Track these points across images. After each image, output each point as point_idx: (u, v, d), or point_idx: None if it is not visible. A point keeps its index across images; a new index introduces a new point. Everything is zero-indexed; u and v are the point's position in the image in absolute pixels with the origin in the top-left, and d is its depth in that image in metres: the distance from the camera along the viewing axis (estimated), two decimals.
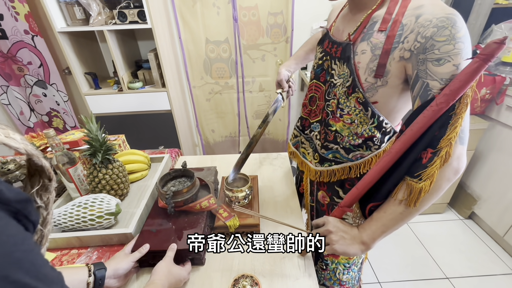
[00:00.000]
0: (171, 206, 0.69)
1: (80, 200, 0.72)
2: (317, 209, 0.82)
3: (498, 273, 1.42)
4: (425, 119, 0.45)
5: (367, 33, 0.54)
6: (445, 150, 0.44)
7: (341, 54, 0.59)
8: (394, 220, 0.52)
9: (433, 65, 0.45)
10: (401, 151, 0.49)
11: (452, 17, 0.43)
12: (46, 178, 0.25)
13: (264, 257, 0.69)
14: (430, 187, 0.47)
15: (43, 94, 1.88)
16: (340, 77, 0.61)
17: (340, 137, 0.65)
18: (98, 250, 0.70)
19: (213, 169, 0.94)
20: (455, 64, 0.44)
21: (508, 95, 1.40)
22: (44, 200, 0.26)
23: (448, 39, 0.43)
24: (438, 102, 0.44)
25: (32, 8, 1.61)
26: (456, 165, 0.46)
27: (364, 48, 0.55)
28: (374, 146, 0.64)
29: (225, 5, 1.71)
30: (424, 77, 0.47)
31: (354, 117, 0.61)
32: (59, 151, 0.77)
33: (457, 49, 0.43)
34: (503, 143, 1.48)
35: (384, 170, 0.51)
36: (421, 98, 0.48)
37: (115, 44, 1.56)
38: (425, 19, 0.46)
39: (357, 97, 0.58)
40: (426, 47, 0.46)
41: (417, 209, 0.50)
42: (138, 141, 1.87)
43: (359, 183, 0.55)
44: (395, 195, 0.52)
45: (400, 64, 0.51)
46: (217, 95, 2.06)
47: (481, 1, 1.51)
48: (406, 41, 0.48)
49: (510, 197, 1.45)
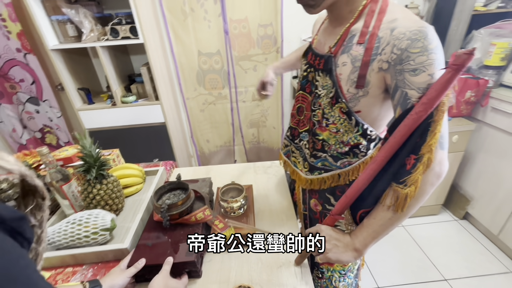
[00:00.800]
0: (166, 219, 0.70)
1: (74, 217, 0.72)
2: (310, 217, 0.83)
3: (495, 272, 1.43)
4: (406, 127, 0.47)
5: (347, 45, 0.57)
6: (427, 156, 0.46)
7: (323, 66, 0.62)
8: (384, 225, 0.54)
9: (409, 75, 0.48)
10: (386, 158, 0.50)
11: (424, 29, 0.46)
12: (39, 197, 0.26)
13: (261, 267, 0.69)
14: (415, 192, 0.48)
15: (36, 110, 1.87)
16: (324, 88, 0.63)
17: (327, 146, 0.67)
18: (94, 267, 0.69)
19: (208, 180, 0.94)
20: (430, 73, 0.46)
21: (492, 97, 1.45)
22: (38, 219, 0.26)
23: (421, 51, 0.46)
24: (417, 110, 0.46)
25: (24, 26, 1.62)
26: (438, 170, 0.48)
27: (344, 60, 0.57)
28: (360, 153, 0.66)
29: (216, 18, 1.75)
30: (403, 86, 0.49)
31: (339, 126, 0.63)
32: (53, 169, 0.77)
33: (431, 60, 0.46)
34: (491, 143, 1.52)
35: (371, 178, 0.53)
36: (401, 107, 0.50)
37: (108, 59, 1.58)
38: (399, 32, 0.48)
39: (340, 107, 0.60)
40: (402, 58, 0.48)
41: (405, 213, 0.52)
42: (132, 154, 1.86)
43: (348, 191, 0.56)
44: (383, 201, 0.53)
45: (379, 75, 0.53)
46: (211, 106, 2.08)
47: (461, 8, 1.58)
48: (384, 53, 0.51)
49: (501, 196, 1.48)
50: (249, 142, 2.27)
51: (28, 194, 0.26)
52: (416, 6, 1.74)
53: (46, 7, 1.44)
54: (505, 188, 1.46)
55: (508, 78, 1.43)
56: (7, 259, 0.20)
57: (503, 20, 1.52)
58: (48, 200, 0.27)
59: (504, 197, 1.47)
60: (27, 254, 0.24)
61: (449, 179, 1.69)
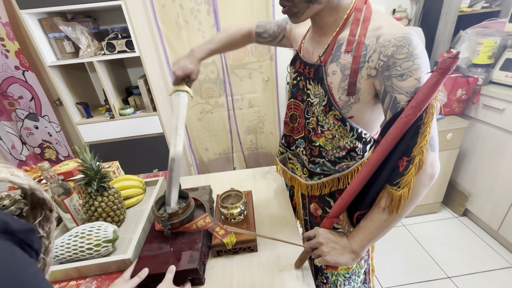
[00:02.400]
0: (168, 228, 0.71)
1: (77, 230, 0.73)
2: (311, 222, 0.84)
3: (498, 267, 1.44)
4: (397, 130, 0.48)
5: (335, 54, 0.58)
6: (418, 157, 0.48)
7: (314, 75, 0.63)
8: (379, 227, 0.55)
9: (397, 80, 0.50)
10: (379, 161, 0.52)
11: (408, 36, 0.48)
12: (47, 210, 0.27)
13: (262, 271, 0.70)
14: (409, 193, 0.50)
15: (35, 126, 1.89)
16: (316, 96, 0.64)
17: (324, 151, 0.68)
18: (97, 279, 0.70)
19: (208, 188, 0.95)
20: (417, 78, 0.48)
21: (483, 94, 1.48)
22: (45, 230, 0.28)
23: (407, 56, 0.48)
24: (407, 114, 0.47)
25: (22, 44, 1.65)
26: (431, 171, 0.50)
27: (334, 69, 0.59)
28: (357, 156, 0.67)
29: (210, 29, 1.79)
30: (391, 91, 0.51)
31: (335, 132, 0.64)
32: (54, 183, 0.78)
33: (416, 65, 0.48)
34: (484, 139, 1.55)
35: (365, 180, 0.54)
36: (391, 111, 0.52)
37: (105, 73, 1.61)
38: (384, 39, 0.50)
39: (334, 114, 0.62)
40: (389, 64, 0.50)
41: (400, 215, 0.53)
42: (132, 166, 1.88)
43: (343, 194, 0.58)
44: (378, 203, 0.55)
45: (368, 82, 0.55)
46: (208, 114, 2.10)
47: (447, 10, 1.63)
48: (371, 60, 0.53)
49: (498, 190, 1.50)
50: (248, 148, 2.29)
51: (36, 206, 0.27)
52: (404, 10, 1.79)
53: (43, 26, 1.47)
54: (502, 182, 1.47)
55: (497, 75, 1.47)
56: (18, 268, 0.21)
57: (489, 20, 1.57)
58: (55, 212, 0.28)
59: (501, 192, 1.48)
60: (36, 263, 0.26)
61: (447, 176, 1.71)
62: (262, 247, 0.77)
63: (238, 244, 0.74)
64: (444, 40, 1.67)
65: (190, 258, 0.67)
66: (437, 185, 1.74)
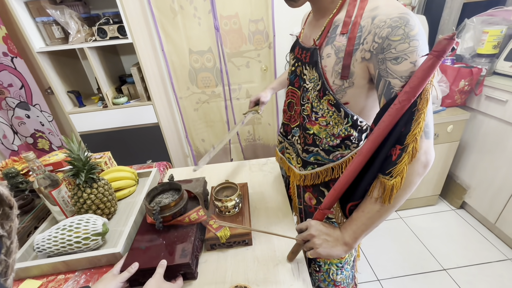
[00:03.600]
0: (159, 221, 0.68)
1: (64, 223, 0.70)
2: (305, 211, 0.83)
3: (494, 260, 1.44)
4: (390, 117, 0.46)
5: (331, 37, 0.56)
6: (412, 145, 0.45)
7: (309, 59, 0.61)
8: (372, 218, 0.53)
9: (391, 64, 0.47)
10: (372, 150, 0.49)
11: (405, 16, 0.45)
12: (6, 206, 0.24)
13: (257, 265, 0.68)
14: (402, 183, 0.48)
15: (26, 115, 1.84)
16: (311, 81, 0.62)
17: (318, 140, 0.66)
18: (86, 273, 0.68)
19: (202, 180, 0.93)
20: (412, 61, 0.45)
21: (485, 85, 1.45)
22: (6, 229, 0.25)
23: (402, 38, 0.45)
24: (401, 100, 0.45)
25: (9, 29, 1.58)
26: (424, 159, 0.47)
27: (329, 52, 0.56)
28: (352, 145, 0.65)
29: (206, 15, 1.72)
30: (386, 76, 0.48)
31: (329, 119, 0.62)
32: (41, 174, 0.75)
33: (412, 47, 0.44)
34: (486, 131, 1.52)
35: (358, 170, 0.52)
36: (385, 96, 0.49)
37: (97, 61, 1.55)
38: (380, 20, 0.47)
39: (328, 100, 0.59)
40: (384, 46, 0.47)
41: (393, 205, 0.51)
42: (126, 156, 1.84)
43: (336, 185, 0.56)
44: (371, 193, 0.53)
45: (362, 65, 0.52)
46: (205, 104, 2.06)
47: None
48: (365, 42, 0.50)
49: (497, 184, 1.49)
50: (245, 139, 2.26)
51: None
52: None
53: (30, 9, 1.40)
54: (501, 176, 1.46)
55: (501, 65, 1.43)
56: None
57: (495, 8, 1.51)
58: (16, 209, 0.25)
59: (500, 185, 1.47)
60: None
61: (445, 169, 1.69)
62: (257, 241, 0.75)
63: (232, 237, 0.72)
64: (448, 28, 1.62)
65: (182, 252, 0.64)
66: (435, 178, 1.72)
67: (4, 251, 0.24)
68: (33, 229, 0.81)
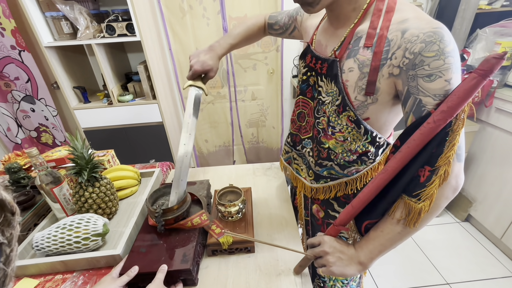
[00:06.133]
0: (161, 225, 0.67)
1: (64, 222, 0.69)
2: (312, 223, 0.80)
3: (498, 276, 1.41)
4: (422, 136, 0.43)
5: (353, 49, 0.52)
6: (444, 168, 0.43)
7: (327, 71, 0.57)
8: (392, 239, 0.50)
9: (424, 81, 0.44)
10: (398, 168, 0.46)
11: (439, 31, 0.42)
12: (8, 212, 0.23)
13: (259, 274, 0.66)
14: (430, 207, 0.45)
15: (31, 109, 1.84)
16: (328, 95, 0.59)
17: (334, 154, 0.63)
18: (84, 275, 0.66)
19: (206, 183, 0.91)
20: (447, 79, 0.42)
21: (496, 97, 1.42)
22: (6, 236, 0.23)
23: (437, 54, 0.42)
24: (436, 119, 0.41)
25: (18, 23, 1.59)
26: (455, 184, 0.45)
27: (351, 66, 0.53)
28: (369, 161, 0.62)
29: (215, 16, 1.71)
30: (416, 93, 0.45)
31: (347, 135, 0.59)
32: (43, 171, 0.73)
33: (448, 64, 0.42)
34: (495, 144, 1.49)
35: (380, 188, 0.49)
36: (414, 114, 0.46)
37: (104, 57, 1.54)
38: (411, 34, 0.44)
39: (348, 116, 0.56)
40: (415, 63, 0.44)
41: (416, 228, 0.48)
42: (129, 155, 1.84)
43: (354, 201, 0.53)
44: (393, 213, 0.50)
45: (389, 81, 0.49)
46: (210, 105, 2.05)
47: (465, 7, 1.55)
48: (394, 57, 0.47)
49: (505, 198, 1.46)
50: (249, 142, 2.24)
51: None
52: (420, 4, 1.71)
53: (40, 3, 1.40)
54: (509, 190, 1.43)
55: None
56: None
57: (507, 19, 1.49)
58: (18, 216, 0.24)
59: (507, 200, 1.44)
60: None
61: None
62: (259, 248, 0.73)
63: (235, 244, 0.70)
64: (460, 38, 1.59)
65: (183, 258, 0.63)
66: None
67: (3, 259, 0.23)
68: (33, 225, 0.79)
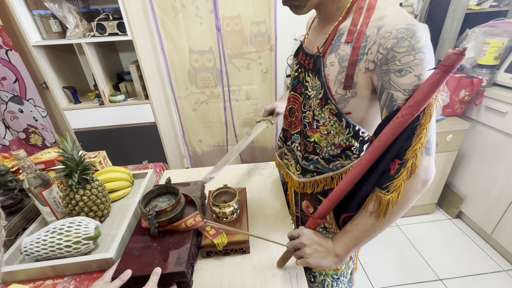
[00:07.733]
0: (155, 227, 0.65)
1: (54, 226, 0.67)
2: (302, 219, 0.81)
3: (489, 271, 1.44)
4: (391, 130, 0.45)
5: (335, 45, 0.54)
6: (411, 161, 0.44)
7: (312, 66, 0.59)
8: (365, 232, 0.52)
9: (395, 76, 0.45)
10: (370, 162, 0.48)
11: (411, 27, 0.43)
12: None
13: (254, 275, 0.66)
14: (398, 199, 0.46)
15: (19, 110, 1.79)
16: (313, 89, 0.61)
17: (319, 148, 0.65)
18: (76, 279, 0.65)
19: (200, 184, 0.90)
20: (417, 74, 0.43)
21: (486, 96, 1.45)
22: None
23: (408, 50, 0.43)
24: (404, 113, 0.43)
25: (5, 22, 1.54)
26: (424, 176, 0.46)
27: (332, 60, 0.55)
28: (353, 155, 0.64)
29: (208, 15, 1.70)
30: (388, 88, 0.47)
31: (330, 128, 0.61)
32: (31, 173, 0.71)
33: (418, 60, 0.43)
34: (484, 142, 1.52)
35: (354, 181, 0.51)
36: (387, 109, 0.48)
37: (95, 57, 1.51)
38: (385, 31, 0.46)
39: (330, 109, 0.58)
40: (388, 58, 0.45)
41: (387, 221, 0.49)
42: (121, 156, 1.81)
43: (331, 194, 0.54)
44: (366, 206, 0.51)
45: (366, 75, 0.51)
46: (203, 105, 2.03)
47: (455, 7, 1.58)
48: (370, 52, 0.49)
49: (494, 195, 1.49)
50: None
51: None
52: (411, 4, 1.73)
53: (27, 1, 1.37)
54: (499, 186, 1.46)
55: (501, 77, 1.43)
56: None
57: (497, 19, 1.52)
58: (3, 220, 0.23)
59: (497, 196, 1.47)
60: None
61: (443, 178, 1.69)
62: (254, 249, 0.73)
63: (230, 245, 0.70)
64: (450, 38, 1.62)
65: (177, 260, 0.62)
66: (433, 187, 1.72)
67: None
68: (21, 230, 0.77)
